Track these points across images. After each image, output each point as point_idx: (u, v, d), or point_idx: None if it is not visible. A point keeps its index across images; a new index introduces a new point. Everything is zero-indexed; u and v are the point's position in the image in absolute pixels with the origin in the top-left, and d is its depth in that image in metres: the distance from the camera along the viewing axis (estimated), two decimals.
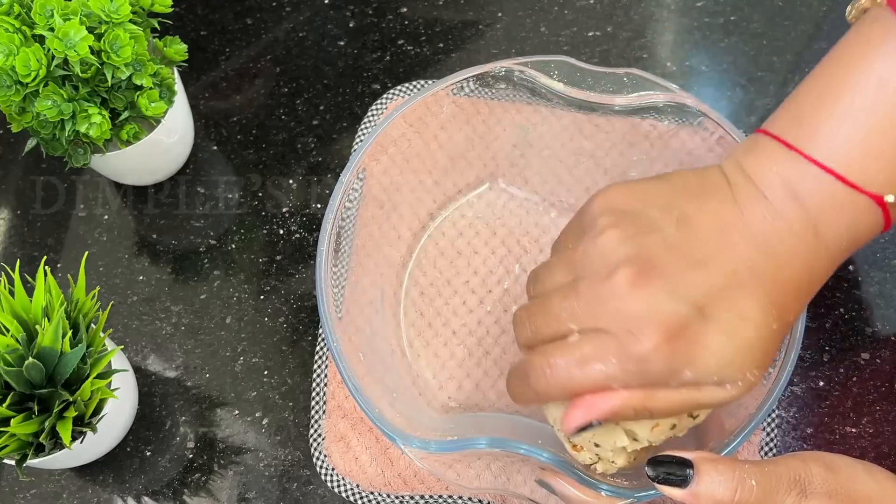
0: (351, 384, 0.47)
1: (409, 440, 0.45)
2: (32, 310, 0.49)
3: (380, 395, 0.48)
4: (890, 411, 0.55)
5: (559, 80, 0.54)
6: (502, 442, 0.44)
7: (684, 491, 0.39)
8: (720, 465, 0.38)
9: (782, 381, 0.45)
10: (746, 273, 0.38)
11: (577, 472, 0.43)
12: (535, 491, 0.48)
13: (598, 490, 0.43)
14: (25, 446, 0.48)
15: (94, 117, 0.52)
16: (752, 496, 0.38)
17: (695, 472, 0.39)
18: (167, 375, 0.59)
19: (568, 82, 0.54)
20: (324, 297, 0.49)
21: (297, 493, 0.55)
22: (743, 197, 0.39)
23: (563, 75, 0.54)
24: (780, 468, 0.38)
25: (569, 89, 0.54)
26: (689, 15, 0.69)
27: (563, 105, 0.55)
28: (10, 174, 0.66)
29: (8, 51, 0.50)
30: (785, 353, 0.46)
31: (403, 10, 0.70)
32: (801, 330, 0.46)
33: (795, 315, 0.40)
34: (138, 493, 0.56)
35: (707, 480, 0.38)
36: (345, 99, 0.67)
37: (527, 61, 0.54)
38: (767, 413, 0.45)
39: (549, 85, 0.54)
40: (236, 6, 0.71)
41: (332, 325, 0.48)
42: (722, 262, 0.38)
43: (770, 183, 0.38)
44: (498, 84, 0.55)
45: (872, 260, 0.59)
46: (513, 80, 0.55)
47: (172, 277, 0.62)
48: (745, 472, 0.38)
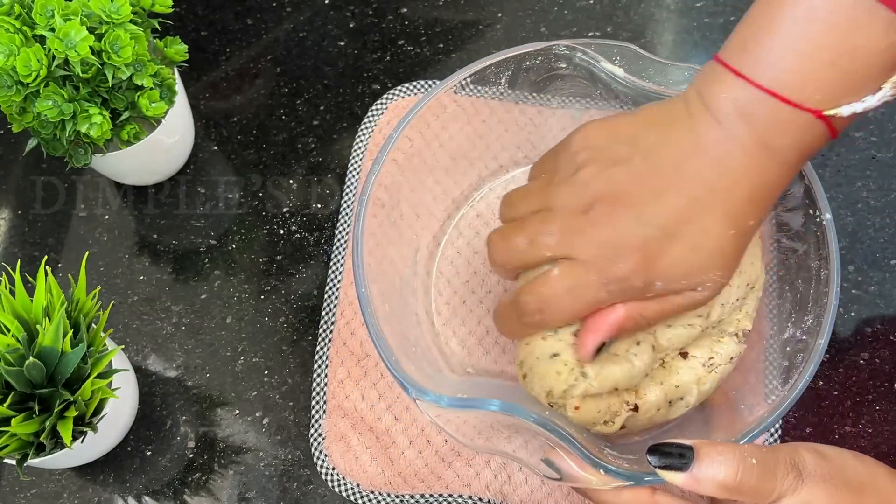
0: (373, 329, 0.47)
1: (423, 392, 0.45)
2: (33, 309, 0.49)
3: (399, 347, 0.49)
4: (889, 411, 0.55)
5: (620, 65, 0.53)
6: (513, 408, 0.44)
7: (685, 475, 0.40)
8: (720, 446, 0.40)
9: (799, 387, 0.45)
10: (704, 193, 0.42)
11: (585, 451, 0.43)
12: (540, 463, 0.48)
13: (604, 471, 0.43)
14: (26, 446, 0.48)
15: (95, 117, 0.52)
16: (754, 476, 0.39)
17: (695, 456, 0.40)
18: (167, 375, 0.59)
19: (629, 70, 0.53)
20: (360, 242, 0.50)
21: (298, 492, 0.55)
22: (700, 124, 0.43)
23: (625, 61, 0.53)
24: (776, 452, 0.40)
25: (629, 77, 0.53)
26: (689, 15, 0.69)
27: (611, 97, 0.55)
28: (10, 174, 0.66)
29: (9, 51, 0.50)
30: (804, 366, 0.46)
31: (403, 11, 0.70)
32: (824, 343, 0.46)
33: (756, 219, 0.43)
34: (139, 493, 0.56)
35: (708, 462, 0.40)
36: (345, 99, 0.67)
37: (590, 43, 0.53)
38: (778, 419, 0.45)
39: (610, 70, 0.53)
40: (237, 6, 0.72)
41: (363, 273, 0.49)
42: (682, 187, 0.42)
43: (722, 108, 0.42)
44: (558, 63, 0.55)
45: (872, 260, 0.59)
46: (574, 60, 0.54)
47: (173, 277, 0.62)
48: (746, 451, 0.40)
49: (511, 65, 0.55)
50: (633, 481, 0.43)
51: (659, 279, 0.43)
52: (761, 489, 0.40)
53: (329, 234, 0.62)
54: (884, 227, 0.60)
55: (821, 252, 0.49)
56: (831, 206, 0.60)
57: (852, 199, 0.61)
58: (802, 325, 0.49)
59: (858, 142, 0.63)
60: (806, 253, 0.50)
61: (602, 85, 0.55)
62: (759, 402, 0.48)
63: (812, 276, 0.49)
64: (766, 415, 0.46)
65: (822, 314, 0.47)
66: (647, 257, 0.42)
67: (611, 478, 0.43)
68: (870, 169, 0.62)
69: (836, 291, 0.47)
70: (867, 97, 0.40)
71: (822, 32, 0.39)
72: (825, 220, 0.49)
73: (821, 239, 0.49)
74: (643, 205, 0.43)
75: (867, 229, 0.60)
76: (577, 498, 0.53)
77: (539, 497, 0.53)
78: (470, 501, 0.54)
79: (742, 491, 0.40)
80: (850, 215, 0.60)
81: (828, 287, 0.48)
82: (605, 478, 0.43)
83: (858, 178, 0.61)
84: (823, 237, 0.49)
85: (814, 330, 0.47)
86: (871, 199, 0.61)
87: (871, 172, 0.62)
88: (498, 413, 0.45)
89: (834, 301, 0.47)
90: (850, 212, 0.61)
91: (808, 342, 0.47)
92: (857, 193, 0.61)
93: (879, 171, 0.62)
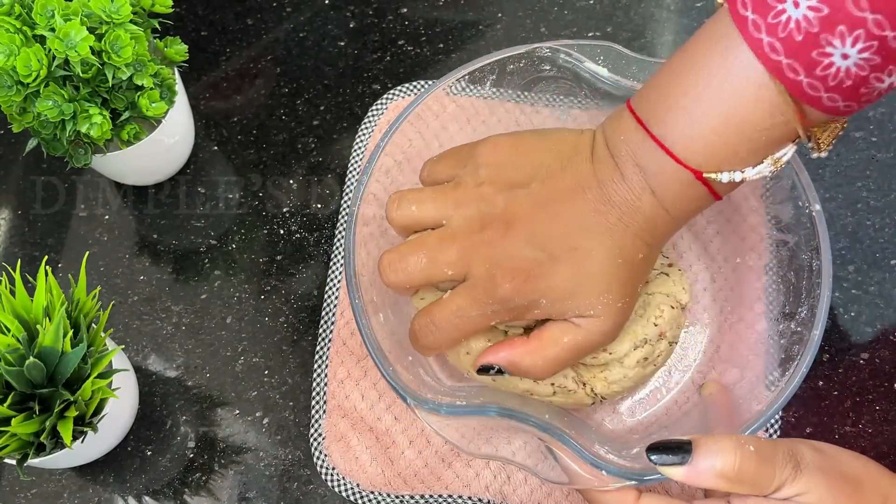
0: (368, 341, 0.48)
1: (422, 401, 0.46)
2: (33, 309, 0.49)
3: (395, 356, 0.49)
4: (889, 411, 0.55)
5: (604, 65, 0.53)
6: (512, 412, 0.45)
7: (685, 468, 0.41)
8: (717, 437, 0.41)
9: (797, 380, 0.45)
10: (593, 221, 0.44)
11: (585, 452, 0.44)
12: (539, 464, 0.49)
13: (605, 472, 0.43)
14: (26, 446, 0.48)
15: (95, 117, 0.52)
16: (753, 463, 0.40)
17: (693, 449, 0.41)
18: (168, 375, 0.59)
19: (613, 69, 0.53)
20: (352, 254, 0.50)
21: (298, 492, 0.55)
22: (599, 160, 0.45)
23: (609, 61, 0.54)
24: (774, 443, 0.41)
25: (613, 76, 0.53)
26: (689, 15, 0.69)
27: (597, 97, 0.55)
28: (10, 174, 0.66)
29: (9, 51, 0.50)
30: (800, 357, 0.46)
31: (403, 11, 0.70)
32: (819, 334, 0.46)
33: (646, 253, 0.45)
34: (139, 493, 0.56)
35: (705, 453, 0.40)
36: (345, 99, 0.67)
37: (573, 44, 0.54)
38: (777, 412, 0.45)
39: (594, 70, 0.54)
40: (237, 6, 0.72)
41: (356, 282, 0.49)
42: (572, 213, 0.44)
43: (620, 149, 0.44)
44: (542, 65, 0.55)
45: (872, 260, 0.59)
46: (558, 62, 0.54)
47: (173, 277, 0.62)
48: (744, 440, 0.41)
49: (495, 68, 0.55)
50: (634, 480, 0.43)
51: (543, 297, 0.44)
52: (760, 478, 0.40)
53: (329, 234, 0.62)
54: (884, 227, 0.60)
55: (812, 243, 0.49)
56: (831, 206, 0.60)
57: (852, 199, 0.61)
58: (797, 317, 0.49)
59: (858, 142, 0.63)
60: (797, 244, 0.51)
61: (587, 85, 0.55)
62: (757, 396, 0.48)
63: (804, 267, 0.49)
64: (764, 408, 0.46)
65: (815, 305, 0.47)
66: (529, 277, 0.44)
67: (611, 478, 0.43)
68: (870, 169, 0.62)
69: (828, 282, 0.47)
70: (747, 169, 0.42)
71: (713, 100, 0.40)
72: (814, 210, 0.49)
73: (811, 230, 0.49)
74: (534, 228, 0.45)
75: (867, 229, 0.60)
76: (576, 498, 0.53)
77: (539, 497, 0.53)
78: (470, 502, 0.54)
79: (742, 479, 0.40)
80: (850, 215, 0.60)
81: (820, 278, 0.48)
82: (606, 478, 0.44)
83: (858, 178, 0.61)
84: (814, 228, 0.49)
85: (808, 321, 0.48)
86: (871, 199, 0.61)
87: (871, 172, 0.62)
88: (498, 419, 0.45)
89: (827, 292, 0.47)
90: (850, 212, 0.61)
91: (804, 334, 0.47)
92: (857, 193, 0.61)
93: (879, 171, 0.62)
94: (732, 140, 0.41)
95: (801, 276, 0.50)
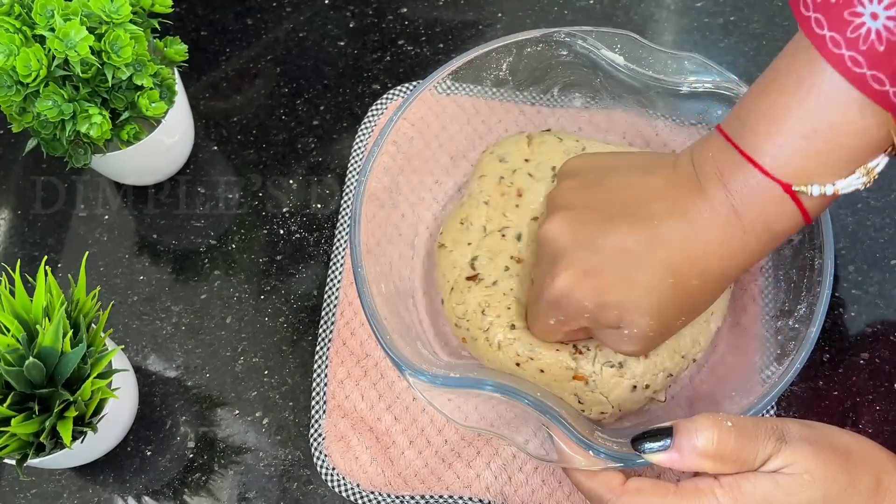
0: (368, 309, 0.48)
1: (418, 372, 0.46)
2: (33, 310, 0.49)
3: (394, 328, 0.49)
4: (889, 411, 0.55)
5: (621, 54, 0.53)
6: (507, 388, 0.45)
7: (667, 453, 0.41)
8: (696, 417, 0.41)
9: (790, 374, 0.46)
10: (655, 234, 0.43)
11: (575, 433, 0.44)
12: (529, 442, 0.49)
13: (593, 452, 0.44)
14: (26, 446, 0.48)
15: (95, 117, 0.52)
16: (732, 438, 0.40)
17: (673, 432, 0.41)
18: (167, 375, 0.59)
19: (629, 58, 0.53)
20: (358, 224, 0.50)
21: (298, 492, 0.55)
22: (681, 176, 0.44)
23: (625, 50, 0.53)
24: (757, 420, 0.41)
25: (629, 65, 0.53)
26: (689, 15, 0.69)
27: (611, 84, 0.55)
28: (10, 174, 0.66)
29: (9, 51, 0.50)
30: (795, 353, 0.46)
31: (403, 11, 0.70)
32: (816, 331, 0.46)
33: (701, 281, 0.44)
34: (139, 493, 0.56)
35: (685, 433, 0.41)
36: (345, 99, 0.67)
37: (591, 30, 0.54)
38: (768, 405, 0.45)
39: (610, 58, 0.54)
40: (236, 6, 0.72)
41: (360, 253, 0.49)
42: (639, 222, 0.44)
43: (706, 166, 0.43)
44: (559, 50, 0.55)
45: (872, 260, 0.59)
46: (574, 48, 0.54)
47: (173, 277, 0.62)
48: (722, 417, 0.41)
49: (512, 50, 0.55)
50: (622, 463, 0.43)
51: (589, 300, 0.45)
52: (742, 453, 0.40)
53: (329, 234, 0.62)
54: (884, 227, 0.60)
55: (815, 242, 0.49)
56: (831, 206, 0.60)
57: (852, 199, 0.61)
58: (795, 314, 0.49)
59: None
60: (801, 242, 0.51)
61: (602, 73, 0.55)
62: (751, 390, 0.48)
63: (806, 265, 0.50)
64: (755, 401, 0.46)
65: (814, 303, 0.47)
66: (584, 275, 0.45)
67: (600, 459, 0.44)
68: None
69: (829, 281, 0.47)
70: (838, 181, 0.41)
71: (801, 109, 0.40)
72: None
73: (815, 228, 0.49)
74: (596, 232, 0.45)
75: (867, 229, 0.60)
76: (578, 498, 0.53)
77: (541, 497, 0.53)
78: (471, 503, 0.54)
79: (723, 456, 0.40)
80: (850, 215, 0.60)
81: (821, 276, 0.48)
82: (594, 459, 0.44)
83: None
84: (818, 226, 0.49)
85: (806, 318, 0.48)
86: (871, 199, 0.61)
87: None
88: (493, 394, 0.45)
89: (827, 290, 0.47)
90: (850, 212, 0.61)
91: (801, 330, 0.47)
92: (857, 193, 0.61)
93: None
94: (823, 147, 0.40)
95: (802, 273, 0.50)
